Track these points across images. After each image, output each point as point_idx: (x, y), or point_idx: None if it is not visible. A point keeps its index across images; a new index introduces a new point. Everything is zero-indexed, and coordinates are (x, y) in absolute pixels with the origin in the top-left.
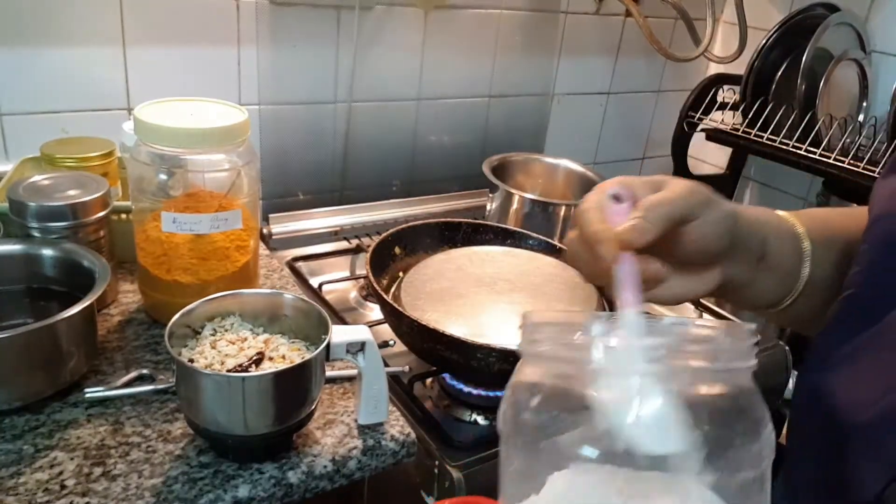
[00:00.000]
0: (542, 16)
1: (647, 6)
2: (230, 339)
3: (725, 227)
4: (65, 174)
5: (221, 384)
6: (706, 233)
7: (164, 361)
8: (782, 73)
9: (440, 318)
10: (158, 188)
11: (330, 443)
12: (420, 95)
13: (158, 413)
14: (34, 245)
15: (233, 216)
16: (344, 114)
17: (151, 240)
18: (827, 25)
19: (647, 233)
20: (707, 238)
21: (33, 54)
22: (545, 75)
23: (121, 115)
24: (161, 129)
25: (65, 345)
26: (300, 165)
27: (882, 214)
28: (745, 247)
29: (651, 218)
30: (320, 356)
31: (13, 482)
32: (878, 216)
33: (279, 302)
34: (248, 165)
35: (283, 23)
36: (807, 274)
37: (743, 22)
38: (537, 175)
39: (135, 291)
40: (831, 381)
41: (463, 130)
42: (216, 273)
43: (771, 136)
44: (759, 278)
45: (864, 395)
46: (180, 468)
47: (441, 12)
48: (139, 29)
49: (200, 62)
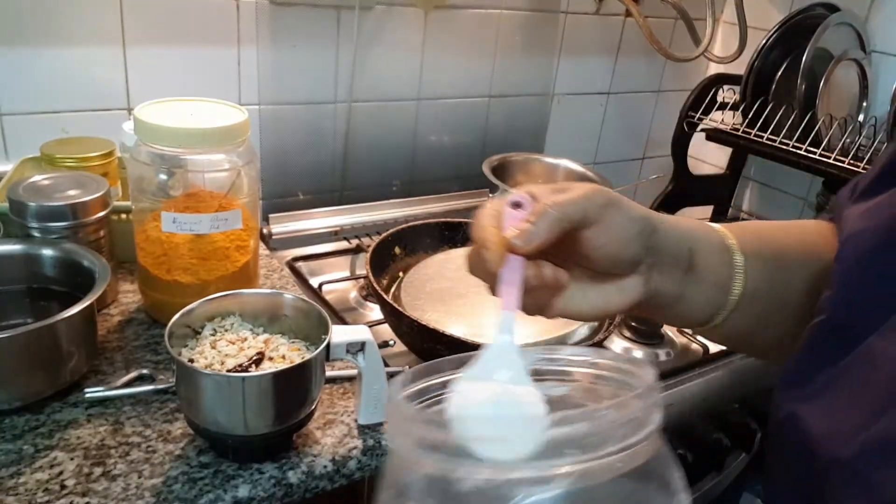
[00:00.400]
0: (542, 16)
1: (647, 6)
2: (230, 339)
3: (634, 231)
4: (65, 174)
5: (221, 384)
6: (611, 238)
7: (164, 361)
8: (782, 73)
9: (440, 318)
10: (158, 188)
11: (330, 443)
12: (420, 95)
13: (158, 413)
14: (34, 245)
15: (233, 216)
16: (344, 114)
17: (151, 240)
18: (827, 25)
19: (535, 237)
20: (612, 244)
21: (33, 54)
22: (545, 75)
23: (121, 115)
24: (161, 129)
25: (65, 345)
26: (300, 165)
27: (853, 233)
28: (670, 256)
29: (540, 222)
30: (320, 356)
31: (13, 482)
32: (849, 235)
33: (279, 302)
34: (248, 165)
35: (283, 23)
36: (740, 288)
37: (743, 22)
38: (537, 175)
39: (135, 291)
40: (809, 412)
41: (463, 130)
42: (216, 273)
43: (771, 136)
44: (689, 292)
45: (845, 426)
46: (180, 468)
47: (441, 12)
48: (139, 29)
49: (200, 62)
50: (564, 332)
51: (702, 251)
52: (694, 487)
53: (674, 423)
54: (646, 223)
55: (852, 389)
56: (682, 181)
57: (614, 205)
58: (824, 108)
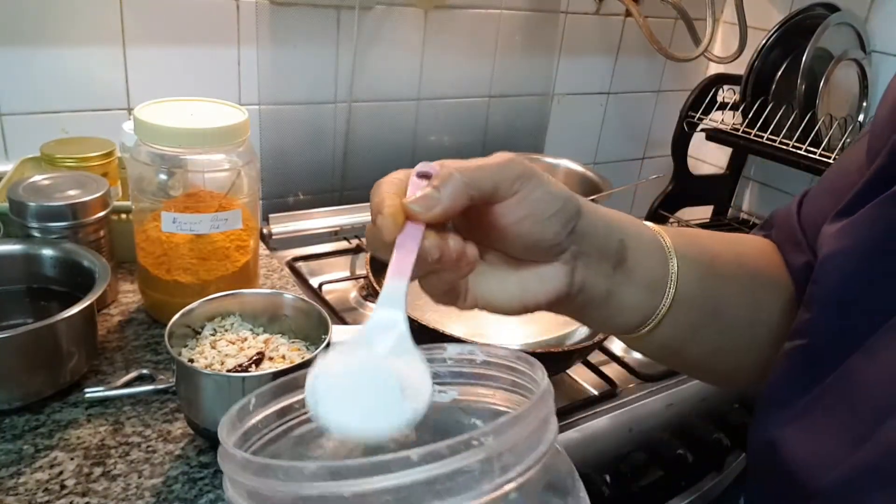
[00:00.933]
0: (542, 16)
1: (647, 6)
2: (230, 339)
3: (553, 209)
4: (65, 174)
5: (221, 384)
6: (526, 214)
7: (164, 361)
8: (782, 73)
9: (440, 318)
10: (158, 188)
11: None
12: (420, 95)
13: (158, 413)
14: (34, 245)
15: (233, 216)
16: (344, 114)
17: (151, 240)
18: (827, 25)
19: (437, 203)
20: (528, 221)
21: (33, 54)
22: (545, 75)
23: (121, 115)
24: (161, 129)
25: (65, 345)
26: (300, 165)
27: (831, 254)
28: (597, 247)
29: (444, 187)
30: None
31: (13, 482)
32: (827, 255)
33: (279, 302)
34: (248, 165)
35: (283, 23)
36: (672, 291)
37: (743, 22)
38: None
39: (135, 291)
40: (788, 439)
41: (463, 130)
42: (216, 273)
43: (771, 136)
44: (619, 291)
45: (826, 454)
46: (180, 468)
47: (441, 12)
48: (139, 29)
49: (200, 62)
50: (565, 331)
51: (634, 247)
52: (694, 487)
53: (674, 423)
54: (567, 203)
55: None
56: (682, 181)
57: (532, 178)
58: (824, 108)
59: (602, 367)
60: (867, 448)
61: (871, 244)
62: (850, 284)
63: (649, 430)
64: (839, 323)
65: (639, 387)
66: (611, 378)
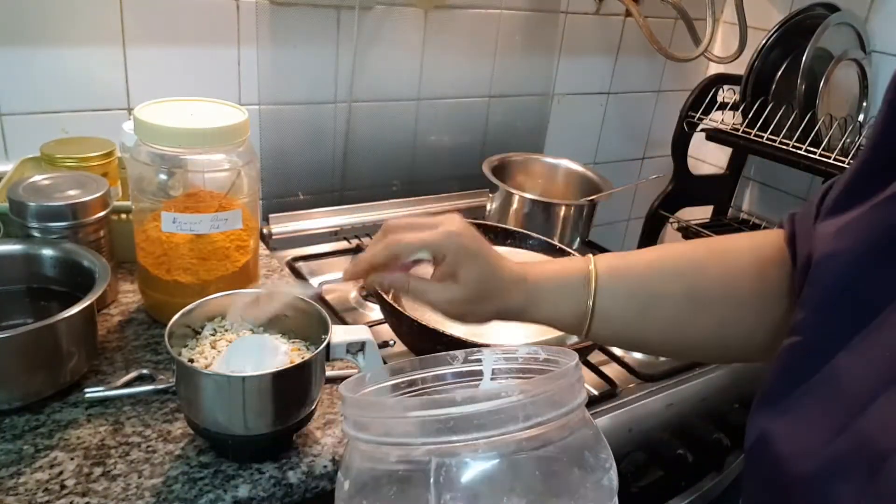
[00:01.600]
0: (542, 16)
1: (647, 6)
2: (230, 339)
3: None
4: (65, 174)
5: (221, 384)
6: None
7: (164, 361)
8: (782, 73)
9: (440, 318)
10: (158, 188)
11: (330, 443)
12: (420, 95)
13: (158, 413)
14: (34, 245)
15: (233, 216)
16: (344, 114)
17: (151, 240)
18: (827, 25)
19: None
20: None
21: (33, 54)
22: (545, 75)
23: (121, 115)
24: (161, 129)
25: (65, 345)
26: (300, 165)
27: (826, 254)
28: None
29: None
30: (320, 356)
31: (13, 482)
32: (825, 255)
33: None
34: (248, 165)
35: (283, 23)
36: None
37: (743, 22)
38: (537, 175)
39: (135, 291)
40: (778, 429)
41: (463, 130)
42: (216, 273)
43: (771, 136)
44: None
45: (808, 444)
46: (180, 468)
47: (441, 12)
48: (139, 29)
49: (200, 62)
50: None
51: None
52: (694, 487)
53: (674, 423)
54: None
55: (818, 407)
56: (682, 181)
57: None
58: (824, 108)
59: (602, 367)
60: (841, 439)
61: (864, 248)
62: (844, 288)
63: (649, 430)
64: (831, 324)
65: (639, 387)
66: (611, 378)
